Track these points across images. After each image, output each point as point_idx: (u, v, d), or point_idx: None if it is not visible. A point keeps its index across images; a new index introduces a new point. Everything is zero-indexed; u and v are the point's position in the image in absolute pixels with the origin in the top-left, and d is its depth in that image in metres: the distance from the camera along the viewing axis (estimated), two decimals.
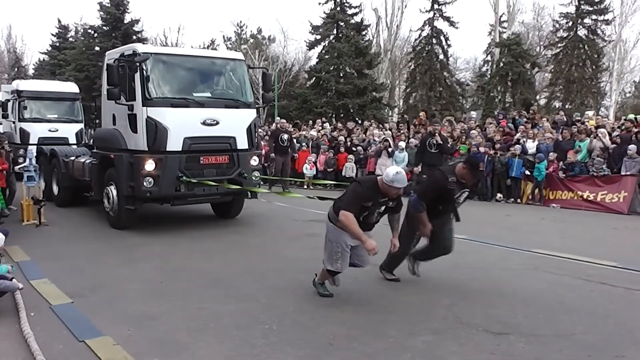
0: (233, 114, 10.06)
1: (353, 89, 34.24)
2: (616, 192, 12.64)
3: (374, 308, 5.73)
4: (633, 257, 8.01)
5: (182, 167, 9.39)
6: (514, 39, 36.16)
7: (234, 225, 10.52)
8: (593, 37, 37.38)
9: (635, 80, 50.15)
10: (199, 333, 5.02)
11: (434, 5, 39.17)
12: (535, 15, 47.62)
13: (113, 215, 10.07)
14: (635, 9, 40.42)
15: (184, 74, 10.02)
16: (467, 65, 52.40)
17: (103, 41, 37.13)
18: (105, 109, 10.53)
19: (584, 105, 34.57)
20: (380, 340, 4.85)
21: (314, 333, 5.01)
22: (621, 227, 10.84)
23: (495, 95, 36.53)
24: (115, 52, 10.44)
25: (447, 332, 5.02)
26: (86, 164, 11.46)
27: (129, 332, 5.03)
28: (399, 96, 46.79)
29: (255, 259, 7.90)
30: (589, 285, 6.43)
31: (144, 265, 7.53)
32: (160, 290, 6.37)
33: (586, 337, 4.91)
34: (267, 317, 5.40)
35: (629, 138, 13.36)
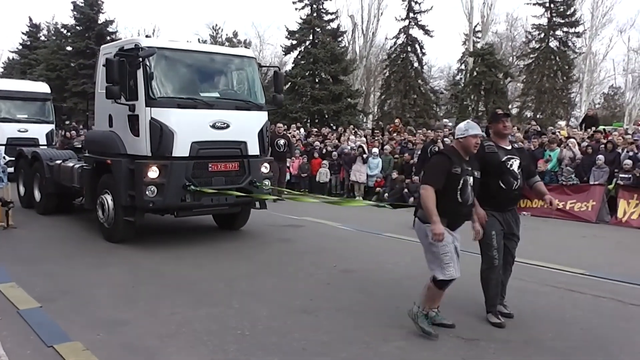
0: (244, 116, 9.19)
1: (328, 94, 34.33)
2: (585, 201, 12.87)
3: (348, 314, 5.74)
4: (600, 265, 8.17)
5: (189, 174, 8.50)
6: (487, 49, 36.66)
7: (206, 229, 10.44)
8: (564, 49, 38.10)
9: (604, 91, 51.25)
10: (170, 338, 4.97)
11: (409, 13, 39.52)
12: (509, 26, 48.36)
13: (108, 227, 9.07)
14: (605, 22, 41.46)
15: (191, 72, 9.16)
16: (441, 73, 52.97)
17: (76, 41, 36.67)
18: (100, 109, 9.64)
19: (554, 115, 35.21)
20: (354, 346, 4.86)
21: (287, 338, 5.00)
22: (589, 235, 11.04)
23: (468, 104, 36.96)
24: (111, 47, 9.55)
25: (420, 338, 5.04)
26: (75, 168, 10.41)
27: (99, 337, 4.96)
28: (374, 103, 47.05)
29: (228, 264, 7.86)
30: (558, 292, 6.53)
31: (114, 270, 7.42)
32: (131, 294, 6.29)
33: (555, 344, 4.99)
34: (239, 322, 5.37)
35: (598, 148, 13.64)
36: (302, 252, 8.70)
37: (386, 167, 16.23)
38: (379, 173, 16.29)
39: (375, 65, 48.81)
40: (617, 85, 50.35)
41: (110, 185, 8.95)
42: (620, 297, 6.42)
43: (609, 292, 6.63)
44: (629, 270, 7.80)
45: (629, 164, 12.54)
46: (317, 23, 36.64)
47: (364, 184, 16.49)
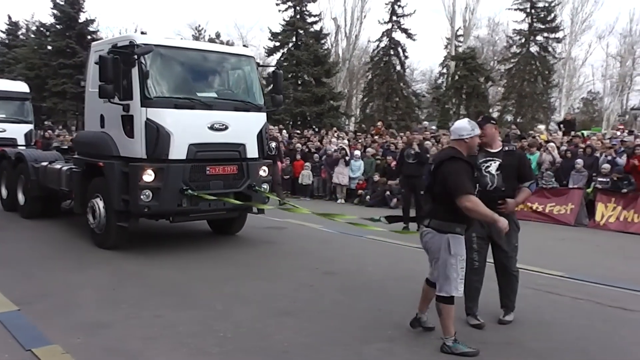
0: (243, 117, 8.87)
1: (311, 97, 34.38)
2: (564, 204, 13.03)
3: (330, 316, 5.75)
4: (579, 267, 8.28)
5: (187, 178, 8.17)
6: (469, 53, 37.04)
7: (188, 231, 10.38)
8: (544, 54, 38.59)
9: (583, 96, 51.93)
10: (153, 341, 4.94)
11: (392, 17, 39.73)
12: (490, 30, 48.80)
13: (99, 233, 8.66)
14: (584, 28, 42.04)
15: (188, 70, 8.82)
16: (423, 77, 53.31)
17: (56, 40, 36.29)
18: (91, 109, 9.25)
19: (534, 119, 35.62)
20: (336, 348, 4.88)
21: (269, 341, 5.01)
22: (568, 238, 11.19)
23: (450, 107, 37.29)
24: (104, 43, 9.24)
25: (401, 339, 5.08)
26: (64, 171, 10.00)
27: (79, 341, 4.91)
28: (356, 105, 47.20)
29: (211, 266, 7.83)
30: (537, 295, 6.60)
31: (95, 272, 7.36)
32: (112, 297, 6.24)
33: (535, 345, 5.05)
34: (222, 324, 5.36)
35: (577, 153, 13.82)
36: (284, 254, 8.71)
37: (368, 170, 16.30)
38: (361, 175, 16.36)
39: (358, 68, 48.97)
40: (596, 91, 51.16)
41: (102, 188, 8.58)
42: (598, 299, 6.51)
43: (587, 294, 6.73)
44: (607, 273, 7.92)
45: (607, 168, 12.73)
46: (300, 25, 36.68)
47: (346, 186, 16.53)
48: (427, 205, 5.01)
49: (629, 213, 12.06)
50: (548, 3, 38.10)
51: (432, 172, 4.91)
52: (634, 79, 46.65)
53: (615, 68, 46.28)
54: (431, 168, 5.02)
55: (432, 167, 4.93)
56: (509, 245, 5.57)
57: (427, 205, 5.01)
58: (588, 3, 41.57)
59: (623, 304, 6.34)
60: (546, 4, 38.06)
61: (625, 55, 44.75)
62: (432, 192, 4.90)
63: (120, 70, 8.01)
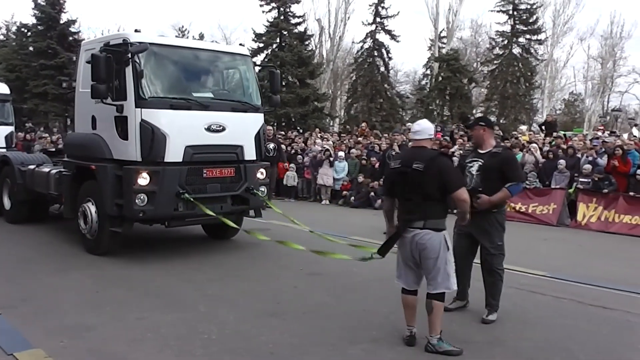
0: (240, 118, 8.62)
1: (295, 98, 34.34)
2: (546, 204, 13.15)
3: (315, 316, 5.77)
4: (561, 267, 8.37)
5: (183, 181, 7.90)
6: (452, 55, 37.23)
7: (172, 233, 10.32)
8: (527, 55, 38.90)
9: (565, 98, 52.46)
10: (137, 343, 4.92)
11: (376, 18, 39.83)
12: (473, 32, 49.09)
13: (91, 239, 8.35)
14: (566, 30, 42.46)
15: (184, 70, 8.56)
16: (407, 78, 53.43)
17: (37, 41, 35.80)
18: (81, 110, 8.90)
19: (517, 120, 35.89)
20: (321, 348, 4.89)
21: (255, 342, 5.01)
22: (550, 238, 11.29)
23: (433, 109, 37.43)
24: (95, 42, 8.88)
25: (386, 340, 5.11)
26: (52, 174, 9.69)
27: (63, 344, 4.88)
28: (341, 106, 47.23)
29: (196, 268, 7.80)
30: (520, 294, 6.66)
31: (78, 274, 7.31)
32: (96, 299, 6.20)
33: (517, 344, 5.11)
34: (207, 326, 5.36)
35: (559, 153, 13.96)
36: (268, 256, 8.70)
37: (352, 171, 16.33)
38: (346, 177, 16.39)
39: (342, 69, 49.01)
40: (578, 92, 51.68)
41: (94, 192, 8.29)
42: (580, 298, 6.60)
43: (569, 294, 6.81)
44: (589, 272, 8.01)
45: (588, 168, 12.87)
46: (284, 26, 36.62)
47: (330, 187, 16.55)
48: (415, 208, 4.84)
49: (610, 213, 12.21)
50: (530, 5, 38.43)
51: (420, 172, 4.77)
52: (615, 80, 47.26)
53: (597, 70, 46.80)
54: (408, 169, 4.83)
55: (418, 167, 4.76)
56: (492, 243, 5.67)
57: (415, 208, 4.84)
58: (569, 5, 42.02)
59: (604, 303, 6.43)
60: (528, 6, 38.39)
61: (606, 57, 45.27)
62: (421, 193, 4.80)
63: (113, 69, 7.72)
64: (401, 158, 5.08)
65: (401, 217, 4.96)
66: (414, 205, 4.84)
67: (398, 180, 4.95)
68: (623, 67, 46.53)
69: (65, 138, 12.25)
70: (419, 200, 4.82)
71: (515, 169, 5.77)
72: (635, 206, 11.96)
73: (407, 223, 4.86)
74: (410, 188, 4.85)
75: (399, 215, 5.02)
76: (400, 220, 4.96)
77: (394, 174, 5.02)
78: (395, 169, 5.00)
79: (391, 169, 5.02)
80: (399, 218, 4.99)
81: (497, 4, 38.70)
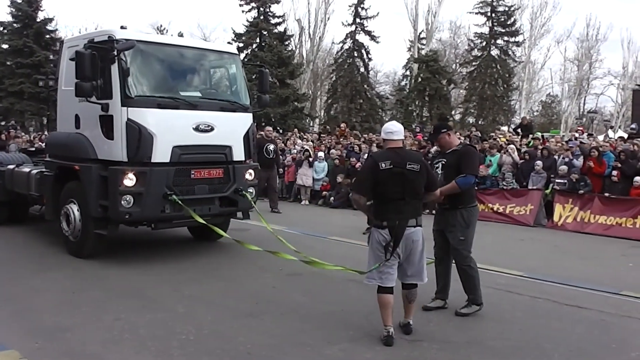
0: (229, 118, 8.48)
1: (275, 98, 34.27)
2: (523, 205, 13.28)
3: (293, 317, 5.77)
4: (537, 267, 8.46)
5: (170, 182, 7.70)
6: (431, 56, 37.54)
7: (153, 233, 10.21)
8: (505, 57, 39.39)
9: (542, 99, 53.08)
10: (114, 344, 4.89)
11: (355, 19, 40.02)
12: (452, 33, 49.55)
13: (74, 241, 8.14)
14: (543, 32, 43.10)
15: (171, 68, 8.36)
16: (387, 79, 53.71)
17: (13, 39, 35.37)
18: (64, 109, 8.67)
19: (495, 121, 36.26)
20: (298, 349, 4.90)
21: (233, 342, 5.00)
22: (527, 238, 11.41)
23: (413, 109, 37.70)
24: (78, 39, 8.67)
25: (363, 339, 5.13)
26: (33, 174, 9.40)
27: (38, 345, 4.84)
28: (321, 107, 47.36)
29: (174, 268, 7.75)
30: (498, 294, 6.73)
31: (55, 275, 7.23)
32: (72, 300, 6.14)
33: (494, 343, 5.16)
34: (184, 327, 5.33)
35: (536, 155, 14.12)
36: (247, 256, 8.66)
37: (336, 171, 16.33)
38: (325, 177, 16.39)
39: (322, 69, 49.13)
40: (555, 94, 52.34)
41: (77, 193, 8.07)
42: (555, 298, 6.68)
43: (545, 293, 6.90)
44: (564, 272, 8.11)
45: (564, 169, 13.03)
46: (264, 26, 36.62)
47: (310, 187, 16.55)
48: (407, 206, 5.03)
49: (586, 213, 12.36)
50: (508, 7, 38.91)
51: (416, 172, 5.04)
52: (591, 82, 48.00)
53: (573, 72, 47.50)
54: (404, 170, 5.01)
55: (414, 168, 5.03)
56: (454, 239, 5.89)
57: (407, 206, 5.03)
58: (547, 8, 42.66)
59: (579, 303, 6.52)
60: (506, 8, 38.84)
61: (583, 60, 45.94)
62: (414, 192, 5.07)
63: (98, 67, 7.48)
64: (390, 159, 5.06)
65: (391, 217, 5.01)
66: (405, 204, 5.02)
67: (390, 181, 5.01)
68: (599, 69, 47.40)
69: (47, 137, 11.93)
70: (410, 199, 5.05)
71: (468, 162, 5.86)
72: (610, 207, 12.13)
73: (404, 222, 5.03)
74: (404, 188, 5.02)
75: (386, 215, 5.06)
76: (391, 220, 5.02)
77: (386, 175, 5.01)
78: (387, 169, 5.01)
79: (382, 170, 5.01)
80: (388, 218, 5.04)
81: (476, 5, 39.18)
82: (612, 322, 5.90)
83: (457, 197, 5.80)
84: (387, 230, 5.02)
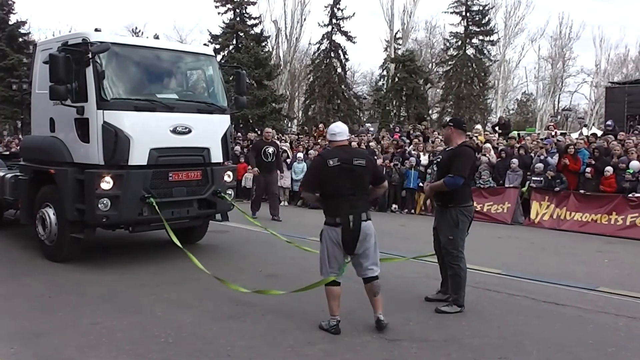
0: (206, 120, 8.43)
1: (252, 99, 34.22)
2: (500, 203, 13.42)
3: (274, 318, 5.75)
4: (515, 264, 8.56)
5: (148, 185, 7.65)
6: (408, 56, 37.73)
7: (131, 236, 10.11)
8: (480, 56, 39.77)
9: (518, 98, 53.71)
10: (91, 349, 4.82)
11: (332, 19, 40.08)
12: (428, 33, 49.89)
13: (50, 245, 8.07)
14: (517, 31, 43.62)
15: (147, 70, 8.31)
16: (364, 79, 53.97)
17: None
18: (38, 112, 8.64)
19: (472, 120, 36.54)
20: (279, 350, 4.89)
21: (212, 344, 4.97)
22: (505, 236, 11.53)
23: (390, 109, 37.85)
24: (52, 42, 8.64)
25: (344, 340, 5.13)
26: (7, 179, 9.34)
27: (13, 351, 4.76)
28: (299, 108, 47.38)
29: (152, 271, 7.69)
30: (476, 292, 6.77)
31: (29, 280, 7.13)
32: (48, 305, 6.06)
33: (473, 341, 5.19)
34: (163, 330, 5.29)
35: (512, 153, 14.26)
36: (227, 258, 8.65)
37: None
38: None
39: (299, 70, 49.14)
40: (529, 92, 53.01)
41: (53, 197, 8.01)
42: (533, 295, 6.75)
43: (522, 291, 6.97)
44: (541, 269, 8.22)
45: (541, 167, 13.18)
46: (241, 27, 36.48)
47: (288, 188, 16.53)
48: (357, 201, 5.25)
49: (562, 211, 12.53)
50: (482, 7, 39.29)
51: (363, 167, 5.25)
52: (565, 80, 48.70)
53: (547, 70, 48.18)
54: (352, 166, 5.21)
55: (361, 164, 5.24)
56: (444, 237, 6.06)
57: (357, 201, 5.25)
58: (520, 7, 43.15)
59: (556, 299, 6.59)
60: (480, 7, 39.20)
61: (556, 58, 46.59)
62: (362, 187, 5.33)
63: (72, 69, 7.45)
64: (337, 157, 5.23)
65: (344, 213, 5.17)
66: (356, 199, 5.25)
67: (339, 177, 5.20)
68: (572, 67, 48.16)
69: (22, 141, 11.76)
70: (360, 194, 5.30)
71: (457, 163, 5.93)
72: (585, 204, 12.31)
73: (358, 217, 5.20)
74: (354, 183, 5.23)
75: (338, 211, 5.21)
76: (343, 216, 5.17)
77: (334, 171, 5.18)
78: (336, 166, 5.18)
79: (330, 167, 5.18)
80: (342, 214, 5.18)
81: (450, 5, 39.49)
82: (588, 318, 5.97)
83: (448, 196, 5.98)
84: (340, 227, 5.17)
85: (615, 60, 49.44)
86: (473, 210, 6.26)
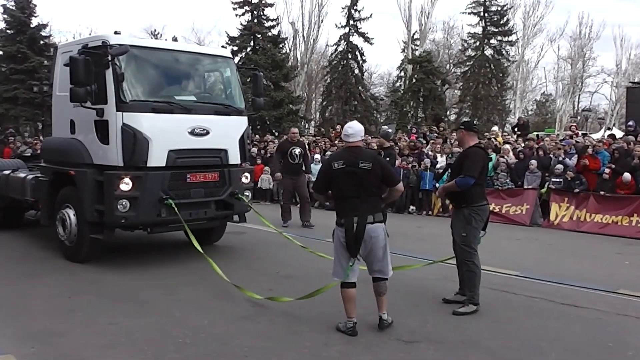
0: (224, 121, 8.46)
1: (270, 101, 34.28)
2: (519, 204, 13.32)
3: (290, 319, 5.76)
4: (534, 266, 8.48)
5: (166, 186, 7.72)
6: (425, 57, 37.59)
7: (148, 237, 10.18)
8: (498, 57, 39.46)
9: (537, 98, 53.22)
10: (109, 349, 4.87)
11: (349, 21, 40.01)
12: (445, 34, 49.65)
13: (70, 246, 8.17)
14: (536, 32, 43.23)
15: (165, 72, 8.40)
16: (381, 80, 53.85)
17: (7, 45, 35.19)
18: (59, 114, 8.68)
19: (490, 121, 36.33)
20: (295, 351, 4.89)
21: (229, 346, 4.99)
22: (523, 238, 11.43)
23: (408, 110, 37.72)
24: (72, 44, 8.74)
25: (361, 341, 5.12)
26: (28, 180, 9.46)
27: (33, 350, 4.81)
28: (315, 109, 47.38)
29: (169, 272, 7.74)
30: (494, 294, 6.73)
31: (49, 280, 7.21)
32: (67, 305, 6.12)
33: (490, 343, 5.15)
34: (180, 330, 5.32)
35: (531, 154, 14.14)
36: (243, 259, 8.68)
37: None
38: None
39: (316, 71, 49.15)
40: (549, 93, 52.49)
41: (73, 198, 8.09)
42: (551, 297, 6.69)
43: (541, 293, 6.90)
44: (560, 271, 8.13)
45: (560, 168, 13.05)
46: (258, 29, 36.59)
47: None
48: (362, 204, 5.22)
49: (581, 212, 12.40)
50: (501, 7, 39.01)
51: (367, 170, 5.20)
52: (585, 80, 48.13)
53: (567, 70, 47.66)
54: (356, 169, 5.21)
55: (366, 166, 5.20)
56: (457, 235, 6.12)
57: (362, 204, 5.22)
58: (539, 7, 42.78)
59: (574, 301, 6.53)
60: (499, 7, 38.94)
61: (576, 58, 46.09)
62: (368, 190, 5.25)
63: (92, 72, 7.51)
64: (343, 159, 5.29)
65: (348, 215, 5.21)
66: (361, 201, 5.22)
67: (344, 180, 5.25)
68: (592, 67, 47.56)
69: (42, 143, 11.93)
70: (366, 197, 5.24)
71: (468, 163, 6.00)
72: (605, 205, 12.17)
73: (363, 219, 5.18)
74: (358, 186, 5.23)
75: (342, 213, 5.28)
76: (347, 218, 5.21)
77: (339, 174, 5.26)
78: (340, 169, 5.25)
79: (335, 170, 5.26)
80: (346, 215, 5.23)
81: (469, 5, 39.26)
82: (608, 321, 5.90)
83: (461, 197, 6.08)
84: (343, 228, 5.22)
85: (636, 60, 48.77)
86: (487, 210, 6.26)
